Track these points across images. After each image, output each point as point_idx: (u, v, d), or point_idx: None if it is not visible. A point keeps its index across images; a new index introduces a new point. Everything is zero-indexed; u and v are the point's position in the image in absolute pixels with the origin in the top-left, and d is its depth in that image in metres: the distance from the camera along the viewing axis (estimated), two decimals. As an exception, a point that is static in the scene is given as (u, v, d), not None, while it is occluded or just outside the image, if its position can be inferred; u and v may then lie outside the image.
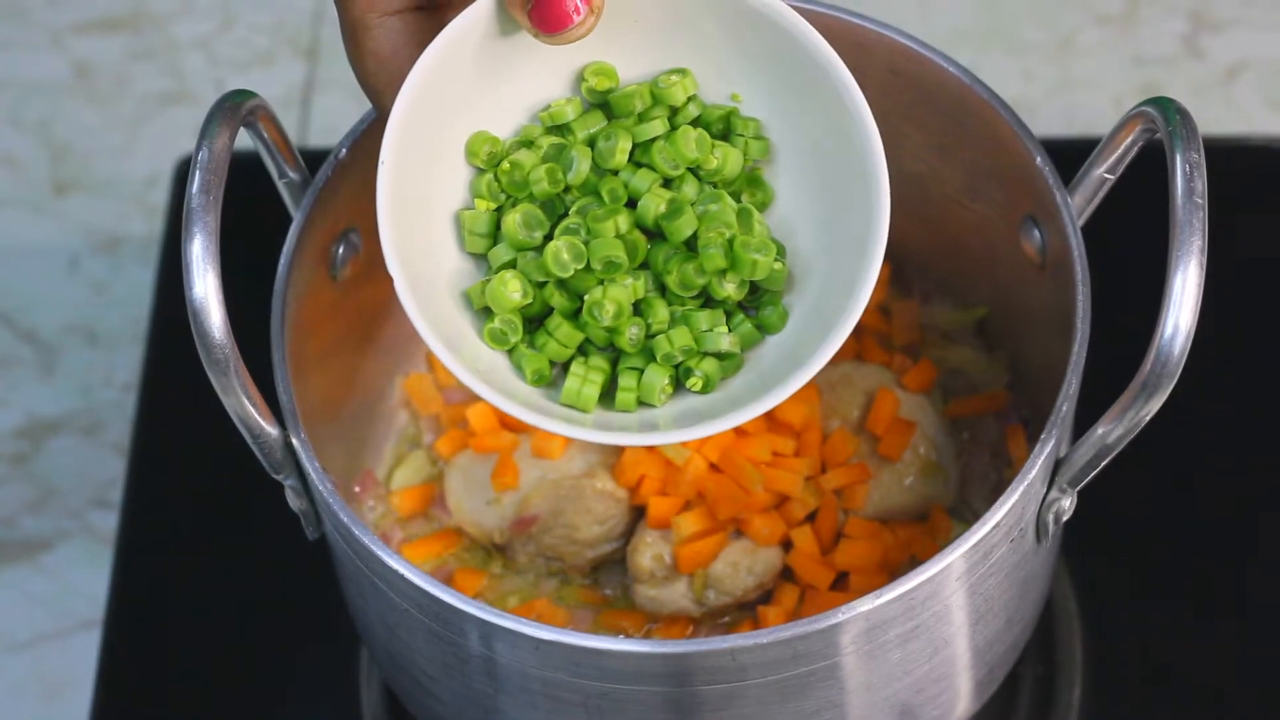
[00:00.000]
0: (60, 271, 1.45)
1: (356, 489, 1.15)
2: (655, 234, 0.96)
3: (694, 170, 0.96)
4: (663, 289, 0.96)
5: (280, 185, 1.04)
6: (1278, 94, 1.49)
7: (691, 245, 0.95)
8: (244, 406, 0.94)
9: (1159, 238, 0.94)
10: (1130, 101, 1.47)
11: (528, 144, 0.96)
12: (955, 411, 1.16)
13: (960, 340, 1.19)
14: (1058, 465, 0.99)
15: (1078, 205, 1.03)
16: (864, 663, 0.98)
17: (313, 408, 1.02)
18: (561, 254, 0.93)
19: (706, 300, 0.96)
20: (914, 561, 1.10)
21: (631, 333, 0.95)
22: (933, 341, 1.18)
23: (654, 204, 0.95)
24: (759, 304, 0.96)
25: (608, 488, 1.11)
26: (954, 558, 0.95)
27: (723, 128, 0.97)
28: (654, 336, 0.95)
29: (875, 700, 1.01)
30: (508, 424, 1.13)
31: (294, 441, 0.98)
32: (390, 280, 0.91)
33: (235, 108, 0.95)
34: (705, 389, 0.95)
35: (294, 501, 1.02)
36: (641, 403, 0.95)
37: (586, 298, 0.94)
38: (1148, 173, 1.03)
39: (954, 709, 1.07)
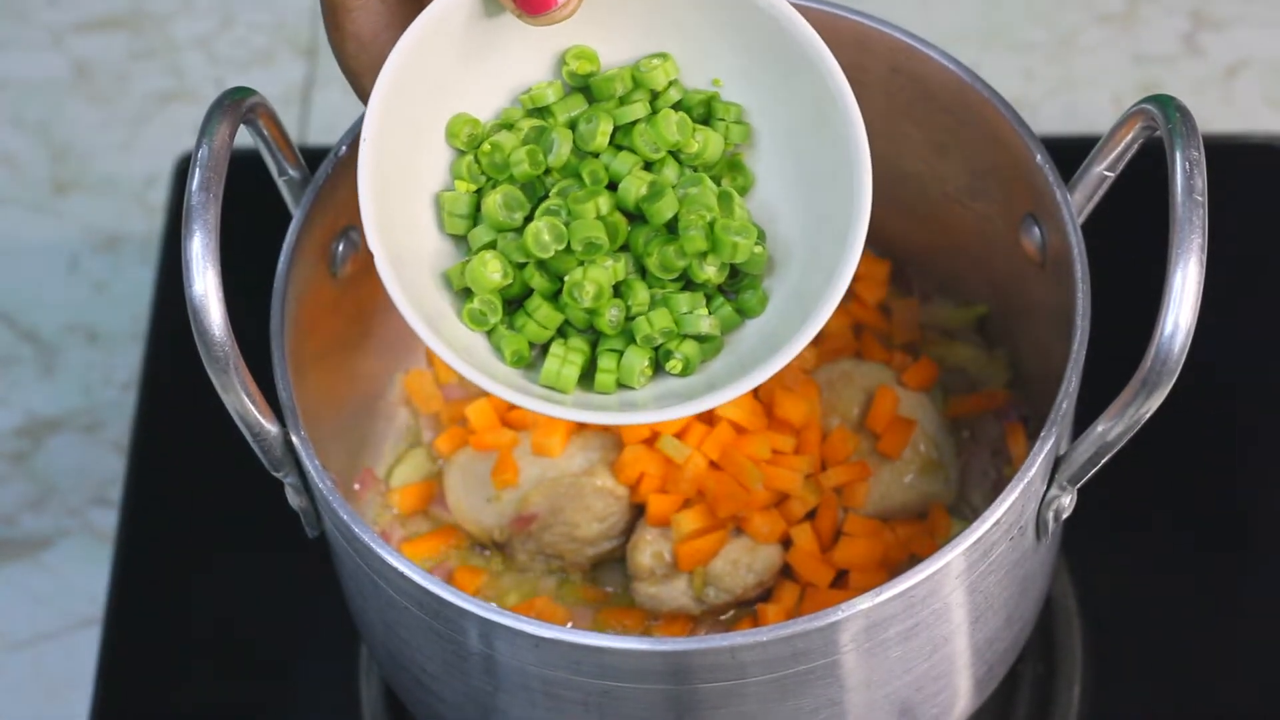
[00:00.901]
0: (60, 270, 1.45)
1: (356, 487, 1.15)
2: (636, 216, 0.96)
3: (674, 154, 0.97)
4: (643, 272, 0.96)
5: (280, 183, 1.04)
6: (1278, 92, 1.49)
7: (672, 228, 0.95)
8: (244, 404, 0.94)
9: (1159, 235, 0.94)
10: (1130, 99, 1.47)
11: (508, 126, 0.96)
12: (955, 409, 1.16)
13: (960, 338, 1.19)
14: (1057, 463, 0.99)
15: (1078, 203, 1.02)
16: (864, 660, 0.97)
17: (312, 405, 1.02)
18: (542, 235, 0.93)
19: (686, 283, 0.96)
20: (914, 559, 1.10)
21: (611, 314, 0.95)
22: (933, 340, 1.18)
23: (635, 186, 0.95)
24: (738, 288, 0.97)
25: (607, 485, 1.10)
26: (954, 555, 0.95)
27: (703, 112, 0.98)
28: (634, 319, 0.95)
29: (875, 698, 1.01)
30: (508, 421, 1.13)
31: (294, 439, 0.98)
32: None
33: (235, 105, 0.95)
34: (685, 371, 0.95)
35: (294, 499, 1.02)
36: (621, 385, 0.95)
37: (567, 279, 0.94)
38: (1148, 170, 1.03)
39: (953, 707, 1.07)
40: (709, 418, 1.10)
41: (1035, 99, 1.49)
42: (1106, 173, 1.02)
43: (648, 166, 0.96)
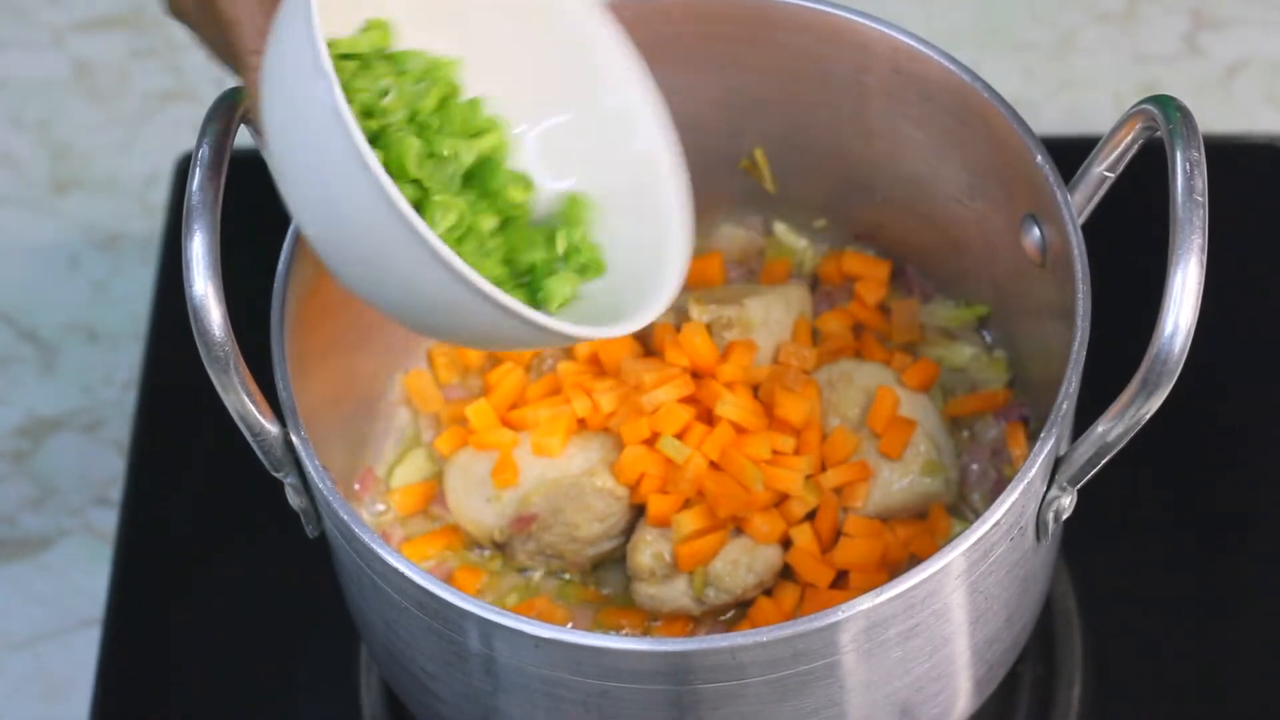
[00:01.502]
0: (60, 270, 1.45)
1: (356, 487, 1.15)
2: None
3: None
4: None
5: (280, 182, 1.04)
6: (1278, 92, 1.49)
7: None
8: (244, 404, 0.94)
9: (1159, 236, 0.94)
10: (1131, 99, 1.47)
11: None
12: (955, 410, 1.16)
13: (961, 338, 1.19)
14: (1058, 463, 0.99)
15: (1078, 203, 1.03)
16: (864, 661, 0.97)
17: (313, 405, 1.02)
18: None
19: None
20: (914, 560, 1.10)
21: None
22: (933, 340, 1.18)
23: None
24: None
25: (608, 485, 1.10)
26: (954, 556, 0.95)
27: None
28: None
29: (875, 699, 1.01)
30: (508, 421, 1.13)
31: (294, 439, 0.98)
32: None
33: (236, 104, 0.95)
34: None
35: (294, 499, 1.02)
36: None
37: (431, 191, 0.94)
38: (1148, 171, 1.03)
39: (953, 707, 1.07)
40: (709, 417, 1.10)
41: (1035, 99, 1.49)
42: (1107, 173, 1.02)
43: None
